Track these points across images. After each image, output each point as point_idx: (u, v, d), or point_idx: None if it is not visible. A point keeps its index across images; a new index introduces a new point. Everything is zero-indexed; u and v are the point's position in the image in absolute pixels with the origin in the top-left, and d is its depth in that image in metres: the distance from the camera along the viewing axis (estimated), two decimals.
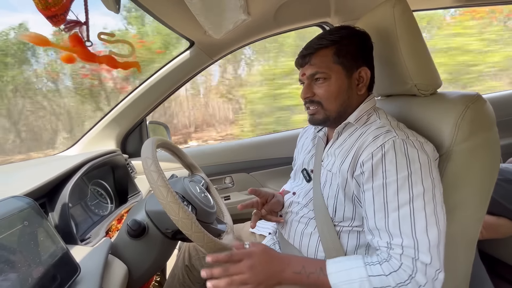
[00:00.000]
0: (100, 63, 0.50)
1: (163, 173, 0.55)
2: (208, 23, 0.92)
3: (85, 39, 0.47)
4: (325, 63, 0.66)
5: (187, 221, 0.53)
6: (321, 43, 0.66)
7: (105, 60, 0.50)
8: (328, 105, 0.67)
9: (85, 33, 0.47)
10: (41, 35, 0.42)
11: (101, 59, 0.50)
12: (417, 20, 0.66)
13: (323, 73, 0.66)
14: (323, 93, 0.67)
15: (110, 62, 0.51)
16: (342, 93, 0.67)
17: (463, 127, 0.58)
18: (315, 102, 0.69)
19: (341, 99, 0.67)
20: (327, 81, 0.66)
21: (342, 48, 0.66)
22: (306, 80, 0.69)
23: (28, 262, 0.43)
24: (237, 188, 1.44)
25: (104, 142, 1.28)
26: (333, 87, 0.66)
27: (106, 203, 1.00)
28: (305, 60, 0.68)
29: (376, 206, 0.56)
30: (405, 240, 0.51)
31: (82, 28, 0.46)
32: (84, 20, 0.46)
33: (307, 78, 0.69)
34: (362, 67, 0.67)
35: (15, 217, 0.45)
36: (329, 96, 0.67)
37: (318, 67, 0.66)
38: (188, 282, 0.95)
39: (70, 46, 0.46)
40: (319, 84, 0.67)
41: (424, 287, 0.50)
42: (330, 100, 0.67)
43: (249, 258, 0.55)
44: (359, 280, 0.52)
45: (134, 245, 0.65)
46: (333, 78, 0.66)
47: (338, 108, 0.67)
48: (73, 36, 0.46)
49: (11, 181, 0.77)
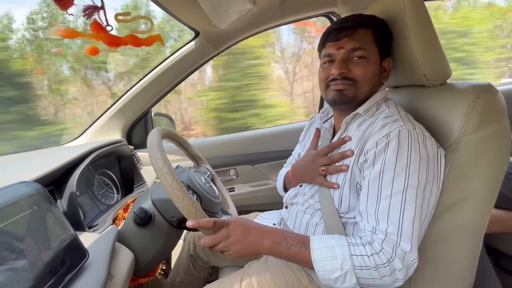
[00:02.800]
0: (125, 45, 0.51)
1: (169, 160, 0.55)
2: (213, 12, 0.91)
3: (105, 24, 0.47)
4: (368, 41, 0.64)
5: (192, 208, 0.53)
6: (362, 21, 0.64)
7: (129, 40, 0.51)
8: (362, 85, 0.64)
9: (103, 18, 0.47)
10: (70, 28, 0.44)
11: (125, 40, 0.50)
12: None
13: (364, 50, 0.63)
14: (361, 72, 0.63)
15: (133, 41, 0.52)
16: (375, 77, 0.66)
17: (473, 117, 0.57)
18: (349, 79, 0.64)
19: (373, 82, 0.66)
20: (366, 61, 0.63)
21: (380, 33, 0.65)
22: (341, 55, 0.64)
23: (38, 246, 0.44)
24: (242, 180, 1.45)
25: (109, 133, 1.29)
26: (371, 68, 0.64)
27: (112, 193, 1.01)
28: (344, 33, 0.64)
29: (370, 192, 0.57)
30: (390, 227, 0.53)
31: (100, 13, 0.46)
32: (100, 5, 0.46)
33: (346, 52, 0.64)
34: (388, 57, 0.67)
35: (24, 202, 0.45)
36: (365, 76, 0.64)
37: (360, 43, 0.63)
38: (193, 271, 0.96)
39: (93, 33, 0.46)
40: (356, 61, 0.64)
41: (399, 271, 0.52)
42: (365, 80, 0.64)
43: (226, 227, 0.58)
44: (342, 257, 0.54)
45: (141, 233, 0.66)
46: (371, 58, 0.64)
47: (368, 91, 0.66)
48: (94, 23, 0.46)
49: (20, 168, 0.78)
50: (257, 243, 0.58)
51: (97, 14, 0.46)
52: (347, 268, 0.53)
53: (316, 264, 0.55)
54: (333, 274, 0.54)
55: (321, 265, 0.55)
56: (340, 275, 0.54)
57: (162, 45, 0.57)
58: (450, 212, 0.61)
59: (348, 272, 0.53)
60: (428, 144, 0.56)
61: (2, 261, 0.39)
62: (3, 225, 0.40)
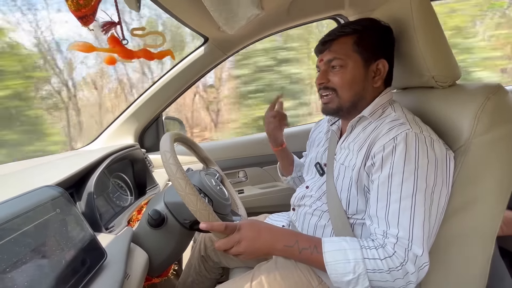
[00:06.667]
0: (138, 58, 0.53)
1: (181, 166, 0.58)
2: (222, 18, 0.93)
3: (121, 38, 0.50)
4: (344, 50, 0.66)
5: (205, 212, 0.55)
6: (343, 30, 0.67)
7: (142, 54, 0.53)
8: (342, 93, 0.67)
9: (120, 32, 0.50)
10: (87, 42, 0.46)
11: (138, 54, 0.53)
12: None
13: (340, 60, 0.66)
14: (338, 80, 0.67)
15: (146, 55, 0.54)
16: (357, 83, 0.67)
17: (483, 119, 0.57)
18: (329, 88, 0.68)
19: (356, 89, 0.67)
20: (343, 69, 0.66)
21: (364, 38, 0.66)
22: (323, 66, 0.70)
23: (61, 247, 0.47)
24: (251, 182, 1.46)
25: (123, 137, 1.33)
26: (349, 75, 0.66)
27: (126, 195, 1.04)
28: (325, 47, 0.69)
29: (379, 195, 0.57)
30: (401, 232, 0.53)
31: (117, 28, 0.49)
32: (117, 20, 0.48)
33: (324, 64, 0.69)
34: (381, 60, 0.67)
35: (49, 205, 0.48)
36: (343, 84, 0.66)
37: (336, 53, 0.66)
38: (204, 272, 0.98)
39: (110, 47, 0.49)
40: (335, 71, 0.67)
41: (412, 275, 0.53)
42: (345, 88, 0.67)
43: (238, 231, 0.59)
44: (354, 261, 0.54)
45: (154, 235, 0.68)
46: (349, 66, 0.66)
47: (352, 98, 0.67)
48: (111, 37, 0.49)
49: (44, 172, 0.82)
50: (268, 247, 0.59)
51: (114, 29, 0.49)
52: (360, 271, 0.53)
53: (329, 267, 0.55)
54: (346, 277, 0.54)
55: (333, 268, 0.55)
56: (352, 278, 0.54)
57: (173, 59, 0.59)
58: (461, 214, 0.61)
59: (361, 275, 0.53)
60: (436, 147, 0.56)
61: (29, 261, 0.41)
62: (30, 227, 0.43)
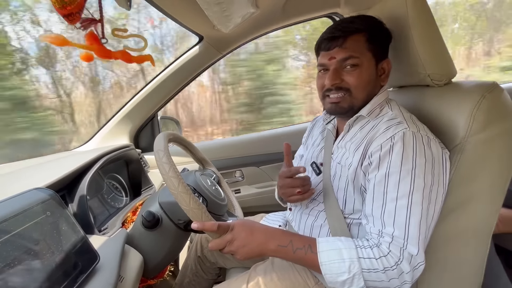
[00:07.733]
0: (116, 59, 0.52)
1: (175, 164, 0.57)
2: (216, 17, 0.92)
3: (100, 37, 0.49)
4: (359, 48, 0.62)
5: (198, 211, 0.54)
6: (356, 26, 0.62)
7: (120, 56, 0.52)
8: (357, 93, 0.64)
9: (100, 31, 0.48)
10: (61, 35, 0.44)
11: (116, 54, 0.51)
12: None
13: (356, 58, 0.62)
14: (354, 80, 0.63)
15: (124, 57, 0.52)
16: (371, 82, 0.65)
17: (478, 117, 0.56)
18: (342, 89, 0.64)
19: (369, 88, 0.65)
20: (359, 68, 0.62)
21: (374, 35, 0.64)
22: (334, 65, 0.64)
23: (52, 250, 0.46)
24: (247, 182, 1.46)
25: (117, 138, 1.31)
26: (364, 75, 0.63)
27: (121, 196, 1.03)
28: (335, 43, 0.63)
29: (375, 195, 0.57)
30: (396, 231, 0.53)
31: (97, 26, 0.48)
32: (99, 18, 0.47)
33: (337, 62, 0.64)
34: (386, 59, 0.66)
35: (38, 208, 0.47)
36: (359, 84, 0.63)
37: (351, 52, 0.62)
38: (201, 272, 0.98)
39: (86, 44, 0.47)
40: (349, 70, 0.63)
41: (407, 274, 0.52)
42: (360, 88, 0.64)
43: (231, 231, 0.58)
44: (349, 260, 0.54)
45: (149, 236, 0.67)
46: (364, 65, 0.63)
47: (365, 98, 0.66)
48: (89, 34, 0.47)
49: (34, 174, 0.80)
50: (262, 246, 0.58)
51: (94, 27, 0.47)
52: (355, 271, 0.53)
53: (323, 267, 0.55)
54: (341, 277, 0.54)
55: (328, 268, 0.55)
56: (347, 278, 0.53)
57: (152, 65, 0.58)
58: (456, 212, 0.61)
59: (356, 275, 0.53)
60: (433, 146, 0.56)
61: (18, 265, 0.40)
62: (19, 231, 0.42)
